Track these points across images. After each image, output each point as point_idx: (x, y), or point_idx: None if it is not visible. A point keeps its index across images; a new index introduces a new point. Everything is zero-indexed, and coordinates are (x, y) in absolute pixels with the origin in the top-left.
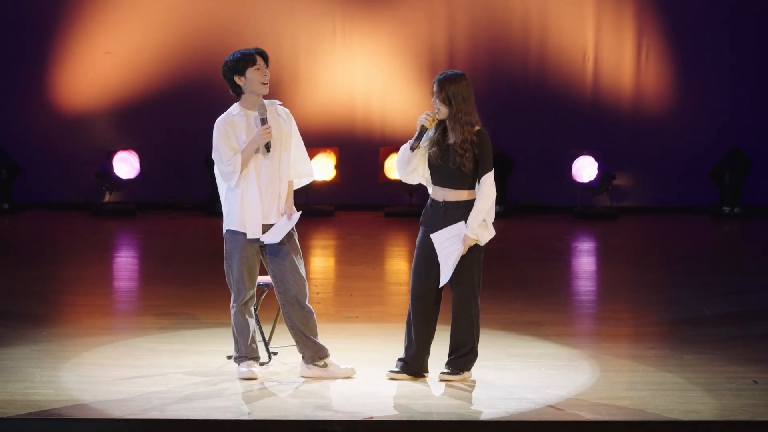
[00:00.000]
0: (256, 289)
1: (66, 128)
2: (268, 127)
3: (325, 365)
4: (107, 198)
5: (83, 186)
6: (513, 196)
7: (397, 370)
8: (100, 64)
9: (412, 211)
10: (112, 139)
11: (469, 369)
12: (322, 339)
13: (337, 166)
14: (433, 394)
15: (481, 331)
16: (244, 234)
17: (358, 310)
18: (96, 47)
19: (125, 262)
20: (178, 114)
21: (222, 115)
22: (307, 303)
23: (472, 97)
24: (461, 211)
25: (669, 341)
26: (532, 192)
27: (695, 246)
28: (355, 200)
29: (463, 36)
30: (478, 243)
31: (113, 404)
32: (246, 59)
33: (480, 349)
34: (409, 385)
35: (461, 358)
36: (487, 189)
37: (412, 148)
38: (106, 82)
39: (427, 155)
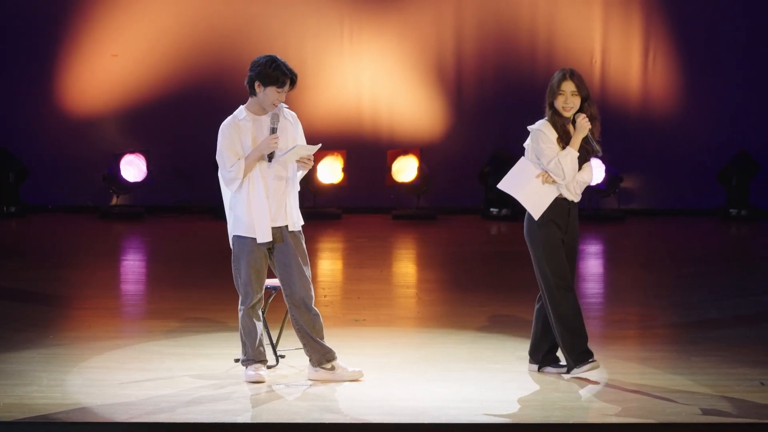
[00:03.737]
0: (264, 292)
1: (73, 131)
2: (276, 137)
3: (332, 368)
4: (114, 201)
5: (91, 189)
6: None
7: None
8: (108, 67)
9: (419, 214)
10: (119, 142)
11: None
12: (330, 342)
13: (344, 169)
14: (440, 396)
15: (489, 335)
16: (253, 238)
17: (365, 313)
18: (103, 50)
19: (133, 265)
20: (186, 117)
21: (228, 119)
22: (313, 306)
23: None
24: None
25: (677, 344)
26: None
27: (703, 248)
28: (363, 203)
29: (471, 39)
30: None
31: (120, 408)
32: (277, 78)
33: (488, 352)
34: (418, 388)
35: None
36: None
37: (596, 153)
38: (114, 85)
39: None
